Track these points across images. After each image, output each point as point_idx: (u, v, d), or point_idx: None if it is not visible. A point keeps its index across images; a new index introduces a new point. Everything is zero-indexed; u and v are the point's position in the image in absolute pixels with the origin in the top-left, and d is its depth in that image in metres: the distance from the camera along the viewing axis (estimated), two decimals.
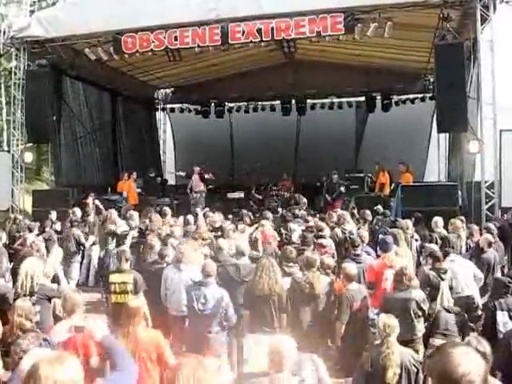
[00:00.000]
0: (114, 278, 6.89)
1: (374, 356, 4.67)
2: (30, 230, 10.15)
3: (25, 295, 6.02)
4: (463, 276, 7.22)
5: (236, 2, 12.13)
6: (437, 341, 5.67)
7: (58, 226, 11.29)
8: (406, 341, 5.41)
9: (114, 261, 8.49)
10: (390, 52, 15.38)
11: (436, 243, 8.91)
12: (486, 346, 4.04)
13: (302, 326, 6.25)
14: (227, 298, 6.02)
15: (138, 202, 15.01)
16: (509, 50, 13.04)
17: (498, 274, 8.19)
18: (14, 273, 8.22)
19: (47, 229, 10.77)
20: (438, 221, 9.58)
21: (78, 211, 11.62)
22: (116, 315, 6.33)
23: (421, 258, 8.50)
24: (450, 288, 6.78)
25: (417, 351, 5.50)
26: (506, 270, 8.69)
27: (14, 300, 5.86)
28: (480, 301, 6.95)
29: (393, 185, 15.27)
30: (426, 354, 5.54)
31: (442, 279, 6.65)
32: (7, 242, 9.83)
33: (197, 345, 5.82)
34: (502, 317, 5.73)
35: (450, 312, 6.02)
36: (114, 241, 9.54)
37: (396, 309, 5.52)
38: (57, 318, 6.05)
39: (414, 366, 4.55)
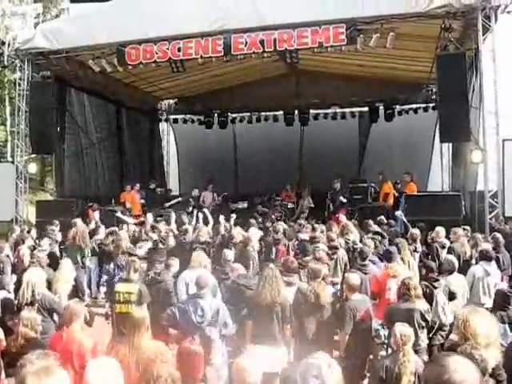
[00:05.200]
0: (119, 287, 6.89)
1: (389, 363, 4.70)
2: (23, 242, 10.15)
3: (26, 304, 6.03)
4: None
5: (239, 14, 12.20)
6: None
7: (59, 237, 11.28)
8: None
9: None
10: (392, 62, 15.41)
11: (437, 252, 8.90)
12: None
13: (307, 336, 6.24)
14: (224, 308, 6.01)
15: (141, 213, 15.00)
16: (511, 59, 13.04)
17: (504, 284, 8.20)
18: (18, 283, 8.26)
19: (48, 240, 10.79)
20: (440, 231, 9.57)
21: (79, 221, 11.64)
22: (119, 325, 6.35)
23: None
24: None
25: (422, 361, 5.48)
26: None
27: (17, 310, 5.88)
28: None
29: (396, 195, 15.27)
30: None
31: (435, 287, 6.67)
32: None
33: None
34: (502, 330, 5.71)
35: None
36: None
37: (400, 319, 5.48)
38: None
39: None
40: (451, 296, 6.91)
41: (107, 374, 3.49)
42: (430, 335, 6.21)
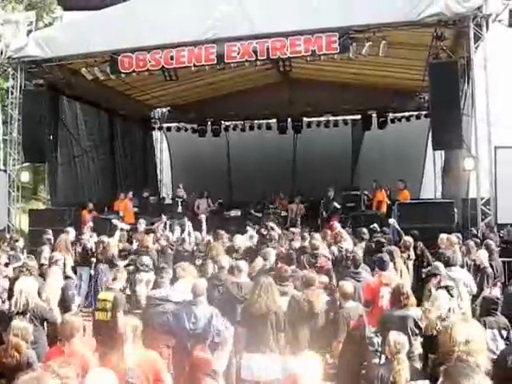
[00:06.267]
0: (101, 295, 7.02)
1: (383, 372, 4.70)
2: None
3: (18, 313, 5.98)
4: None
5: (232, 22, 12.24)
6: None
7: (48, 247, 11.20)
8: None
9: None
10: (384, 70, 15.49)
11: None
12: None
13: (300, 345, 6.21)
14: (218, 316, 5.98)
15: (134, 222, 14.93)
16: (502, 67, 13.14)
17: (497, 291, 8.22)
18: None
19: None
20: (445, 238, 9.53)
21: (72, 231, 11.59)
22: (97, 332, 6.37)
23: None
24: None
25: (415, 369, 5.47)
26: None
27: (9, 319, 5.83)
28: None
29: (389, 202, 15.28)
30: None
31: (452, 296, 6.67)
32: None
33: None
34: (490, 334, 5.72)
35: None
36: None
37: (393, 327, 5.48)
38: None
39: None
40: None
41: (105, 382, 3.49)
42: None
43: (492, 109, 11.38)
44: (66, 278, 9.51)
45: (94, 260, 10.87)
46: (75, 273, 10.75)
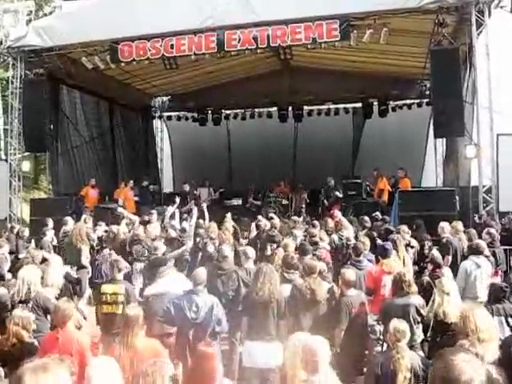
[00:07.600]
0: (105, 288, 6.86)
1: (383, 360, 4.69)
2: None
3: (20, 302, 5.99)
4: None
5: (232, 10, 12.17)
6: None
7: (49, 236, 11.20)
8: None
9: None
10: (386, 58, 15.39)
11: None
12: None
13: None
14: (218, 304, 6.01)
15: (135, 211, 14.92)
16: (504, 54, 13.06)
17: (498, 279, 8.22)
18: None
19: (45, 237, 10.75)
20: (445, 226, 9.50)
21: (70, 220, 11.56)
22: (107, 325, 6.33)
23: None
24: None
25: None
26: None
27: (12, 307, 5.84)
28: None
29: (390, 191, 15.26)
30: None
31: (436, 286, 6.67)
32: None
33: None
34: (497, 322, 5.72)
35: None
36: None
37: (395, 315, 5.47)
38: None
39: (424, 370, 4.53)
40: None
41: (108, 370, 3.51)
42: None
43: (494, 96, 11.32)
44: (82, 267, 9.59)
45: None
46: None
